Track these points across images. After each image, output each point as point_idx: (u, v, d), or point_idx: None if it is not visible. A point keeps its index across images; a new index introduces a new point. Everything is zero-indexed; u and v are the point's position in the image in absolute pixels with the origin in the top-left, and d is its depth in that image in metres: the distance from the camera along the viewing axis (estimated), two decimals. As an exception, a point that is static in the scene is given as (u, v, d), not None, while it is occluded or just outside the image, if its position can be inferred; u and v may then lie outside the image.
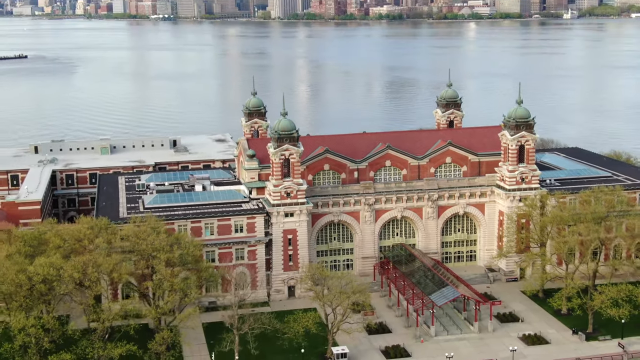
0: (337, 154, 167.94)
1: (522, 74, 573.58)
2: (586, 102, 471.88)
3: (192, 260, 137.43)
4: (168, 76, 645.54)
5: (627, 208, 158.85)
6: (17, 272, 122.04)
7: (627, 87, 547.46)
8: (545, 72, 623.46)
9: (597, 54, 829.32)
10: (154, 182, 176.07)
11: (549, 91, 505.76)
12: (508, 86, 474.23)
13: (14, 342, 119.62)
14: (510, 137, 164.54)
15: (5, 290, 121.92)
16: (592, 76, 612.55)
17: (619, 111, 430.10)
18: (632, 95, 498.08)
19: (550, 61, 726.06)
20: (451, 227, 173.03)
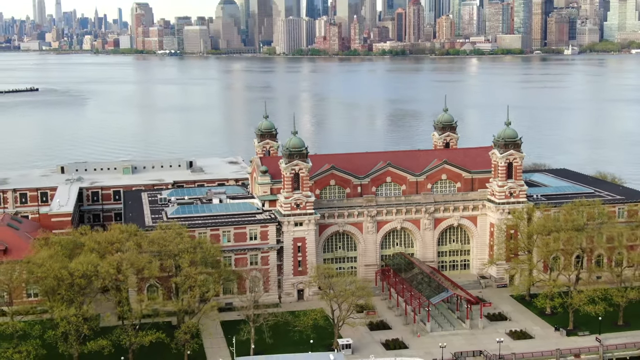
0: (342, 170, 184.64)
1: (522, 106, 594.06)
2: (584, 132, 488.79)
3: (212, 260, 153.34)
4: (176, 108, 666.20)
5: (606, 220, 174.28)
6: (59, 269, 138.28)
7: (626, 118, 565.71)
8: (546, 104, 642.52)
9: (597, 88, 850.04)
10: (175, 196, 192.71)
11: (548, 122, 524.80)
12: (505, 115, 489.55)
13: (57, 330, 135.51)
14: (500, 155, 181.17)
15: (49, 284, 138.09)
16: (591, 109, 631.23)
17: (613, 140, 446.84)
18: (629, 125, 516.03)
19: (550, 94, 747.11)
20: (446, 238, 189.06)
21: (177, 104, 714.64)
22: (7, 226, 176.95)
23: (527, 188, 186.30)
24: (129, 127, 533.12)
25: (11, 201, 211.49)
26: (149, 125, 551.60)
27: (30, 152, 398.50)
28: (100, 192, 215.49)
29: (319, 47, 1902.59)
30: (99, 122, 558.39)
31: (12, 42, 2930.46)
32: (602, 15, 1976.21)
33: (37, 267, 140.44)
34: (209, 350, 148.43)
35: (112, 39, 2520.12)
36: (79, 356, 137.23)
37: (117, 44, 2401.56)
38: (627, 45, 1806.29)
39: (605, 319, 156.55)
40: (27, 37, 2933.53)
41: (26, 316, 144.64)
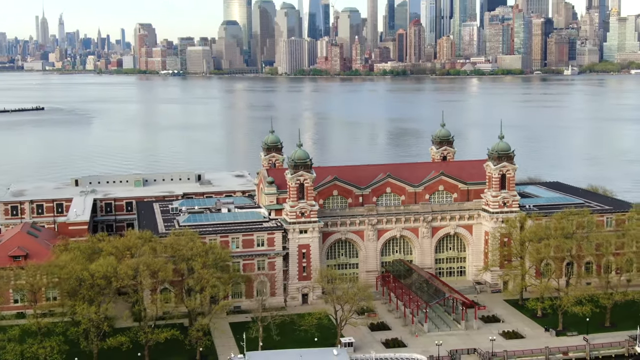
0: (344, 181, 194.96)
1: (522, 125, 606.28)
2: (581, 150, 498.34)
3: (223, 263, 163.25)
4: (180, 126, 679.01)
5: (594, 228, 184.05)
6: (81, 270, 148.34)
7: (623, 137, 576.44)
8: (545, 123, 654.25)
9: (596, 108, 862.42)
10: (185, 206, 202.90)
11: (546, 140, 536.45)
12: (506, 133, 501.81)
13: (79, 327, 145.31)
14: (494, 167, 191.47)
15: (71, 285, 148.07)
16: (590, 127, 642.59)
17: (609, 158, 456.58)
18: (626, 144, 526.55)
19: (550, 113, 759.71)
20: (443, 246, 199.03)
21: (181, 122, 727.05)
22: (27, 234, 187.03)
23: (520, 198, 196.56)
24: (135, 144, 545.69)
25: (28, 212, 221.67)
26: (155, 143, 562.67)
27: (42, 167, 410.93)
28: (113, 204, 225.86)
29: (320, 68, 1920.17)
30: (106, 140, 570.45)
31: (15, 62, 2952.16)
32: (602, 36, 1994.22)
33: (59, 269, 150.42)
34: (220, 347, 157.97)
35: (115, 59, 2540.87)
36: (99, 352, 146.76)
37: (120, 64, 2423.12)
38: (627, 66, 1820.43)
39: (594, 320, 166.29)
40: (30, 57, 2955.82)
41: (44, 318, 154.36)
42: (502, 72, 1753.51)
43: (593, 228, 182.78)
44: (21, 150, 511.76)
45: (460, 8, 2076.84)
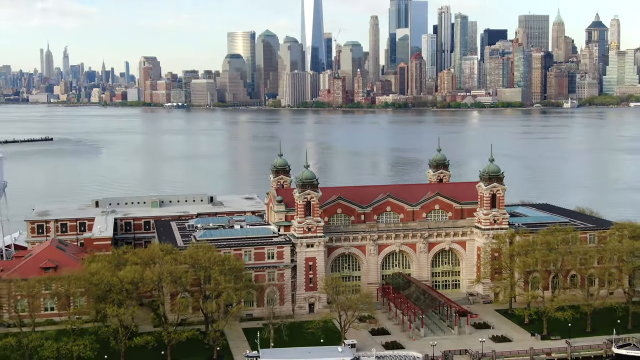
0: (347, 200, 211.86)
1: (520, 154, 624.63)
2: (577, 178, 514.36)
3: (237, 272, 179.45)
4: (187, 155, 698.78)
5: (577, 242, 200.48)
6: (111, 277, 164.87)
7: (620, 166, 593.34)
8: (543, 153, 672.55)
9: (595, 139, 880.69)
10: (201, 224, 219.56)
11: (542, 168, 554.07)
12: (503, 162, 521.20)
13: (109, 327, 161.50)
14: (485, 188, 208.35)
15: (102, 289, 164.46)
16: (588, 158, 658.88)
17: (603, 185, 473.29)
18: (622, 173, 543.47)
19: (549, 144, 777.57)
20: (439, 260, 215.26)
21: (187, 152, 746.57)
22: (56, 248, 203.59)
23: (510, 217, 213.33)
24: (144, 172, 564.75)
25: (53, 230, 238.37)
26: (163, 170, 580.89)
27: (59, 191, 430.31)
28: (132, 222, 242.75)
29: (323, 100, 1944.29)
30: (117, 168, 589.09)
31: (20, 95, 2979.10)
32: (601, 70, 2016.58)
33: (91, 276, 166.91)
34: (234, 349, 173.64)
35: (119, 92, 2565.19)
36: (126, 351, 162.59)
37: (125, 97, 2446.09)
38: (626, 99, 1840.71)
39: (576, 327, 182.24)
40: (35, 89, 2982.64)
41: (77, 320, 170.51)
42: (503, 105, 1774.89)
43: (576, 243, 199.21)
44: (36, 177, 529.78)
45: (461, 42, 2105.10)
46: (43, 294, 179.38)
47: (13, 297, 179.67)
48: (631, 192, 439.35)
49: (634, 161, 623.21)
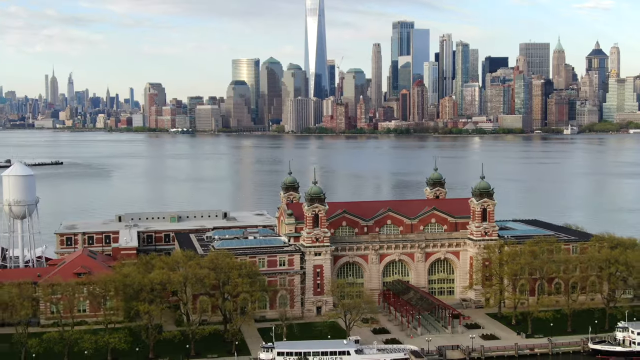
0: (352, 214, 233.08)
1: (519, 178, 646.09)
2: (574, 201, 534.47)
3: (253, 276, 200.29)
4: (193, 178, 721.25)
5: (560, 254, 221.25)
6: (142, 278, 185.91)
7: (616, 188, 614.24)
8: (542, 176, 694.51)
9: (594, 163, 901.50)
10: (218, 235, 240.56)
11: (539, 190, 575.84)
12: (504, 185, 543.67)
13: (141, 322, 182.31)
14: (476, 203, 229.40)
15: (135, 288, 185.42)
16: (586, 181, 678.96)
17: (596, 207, 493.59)
18: (617, 196, 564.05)
19: (548, 168, 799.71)
20: (435, 268, 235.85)
21: (194, 174, 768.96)
22: (87, 256, 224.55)
23: (500, 230, 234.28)
24: (154, 192, 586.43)
25: (80, 242, 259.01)
26: (172, 191, 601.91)
27: (77, 210, 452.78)
28: (154, 235, 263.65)
29: (326, 126, 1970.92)
30: (128, 189, 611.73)
31: (26, 120, 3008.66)
32: (601, 97, 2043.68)
33: (124, 278, 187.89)
34: (250, 345, 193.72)
35: (124, 118, 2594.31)
36: (155, 343, 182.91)
37: (130, 123, 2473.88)
38: (626, 125, 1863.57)
39: (558, 327, 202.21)
40: (41, 115, 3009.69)
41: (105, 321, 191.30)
42: (503, 131, 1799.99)
43: (559, 253, 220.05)
44: (54, 197, 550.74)
45: (462, 69, 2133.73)
46: (77, 297, 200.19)
47: (50, 299, 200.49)
48: (621, 213, 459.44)
49: (629, 185, 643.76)
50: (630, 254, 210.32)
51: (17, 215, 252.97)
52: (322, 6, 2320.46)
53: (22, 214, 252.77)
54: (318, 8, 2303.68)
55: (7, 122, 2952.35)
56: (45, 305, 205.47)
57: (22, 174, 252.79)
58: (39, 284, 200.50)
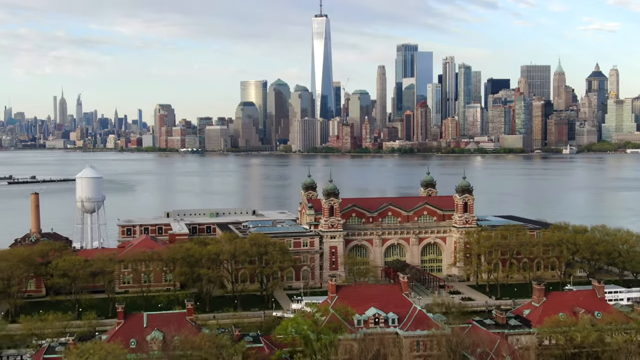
0: (360, 207, 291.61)
1: (516, 193, 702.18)
2: (567, 211, 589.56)
3: (284, 250, 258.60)
4: (205, 192, 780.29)
5: (526, 237, 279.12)
6: (201, 250, 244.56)
7: (608, 199, 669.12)
8: (539, 190, 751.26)
9: (591, 179, 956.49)
10: (252, 224, 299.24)
11: (534, 203, 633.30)
12: (497, 197, 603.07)
13: (201, 282, 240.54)
14: (459, 197, 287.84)
15: (196, 257, 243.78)
16: (583, 195, 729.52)
17: (587, 215, 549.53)
18: (609, 206, 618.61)
19: (546, 184, 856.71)
20: (427, 250, 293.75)
21: (207, 189, 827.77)
22: (150, 239, 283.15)
23: (479, 220, 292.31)
24: (176, 202, 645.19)
25: (138, 232, 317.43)
26: (192, 200, 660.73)
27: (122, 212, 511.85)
28: (197, 227, 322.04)
29: (332, 145, 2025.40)
30: (156, 200, 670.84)
31: (37, 141, 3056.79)
32: (600, 118, 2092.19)
33: (188, 250, 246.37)
34: (282, 304, 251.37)
35: (134, 138, 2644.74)
36: (211, 299, 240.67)
37: (140, 143, 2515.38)
38: (624, 145, 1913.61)
39: (522, 293, 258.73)
40: (52, 135, 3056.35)
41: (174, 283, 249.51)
42: (504, 151, 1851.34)
43: (525, 237, 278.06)
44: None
45: (465, 91, 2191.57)
46: (146, 269, 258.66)
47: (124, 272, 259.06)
48: (604, 218, 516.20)
49: (621, 196, 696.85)
50: (578, 237, 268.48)
51: (87, 210, 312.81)
52: (328, 30, 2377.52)
53: (91, 209, 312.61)
54: (324, 31, 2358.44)
55: (18, 142, 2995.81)
56: (120, 276, 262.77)
57: (92, 176, 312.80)
58: (116, 257, 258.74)
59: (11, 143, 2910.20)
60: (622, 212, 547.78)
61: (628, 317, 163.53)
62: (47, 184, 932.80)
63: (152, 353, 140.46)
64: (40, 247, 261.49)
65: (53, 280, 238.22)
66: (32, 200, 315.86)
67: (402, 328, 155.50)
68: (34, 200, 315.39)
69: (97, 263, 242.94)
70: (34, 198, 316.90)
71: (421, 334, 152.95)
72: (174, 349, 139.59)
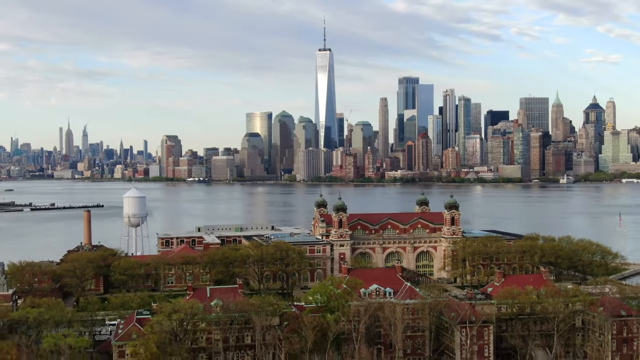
0: (364, 220, 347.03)
1: (512, 217, 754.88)
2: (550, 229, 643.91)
3: (302, 255, 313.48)
4: (212, 217, 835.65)
5: (503, 246, 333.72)
6: (234, 253, 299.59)
7: (599, 225, 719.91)
8: (538, 215, 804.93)
9: (588, 206, 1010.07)
10: (273, 236, 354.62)
11: (525, 225, 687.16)
12: (492, 220, 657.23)
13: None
14: (447, 213, 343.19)
15: (230, 259, 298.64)
16: (576, 220, 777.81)
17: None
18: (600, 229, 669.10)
19: (543, 209, 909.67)
20: (420, 257, 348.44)
21: (213, 215, 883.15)
22: (189, 247, 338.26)
23: (465, 233, 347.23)
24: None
25: (175, 243, 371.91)
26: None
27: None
28: (225, 239, 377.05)
29: (335, 175, 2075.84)
30: (178, 223, 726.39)
31: (45, 171, 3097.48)
32: (597, 148, 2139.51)
33: (222, 253, 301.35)
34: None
35: (141, 168, 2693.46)
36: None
37: (147, 173, 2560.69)
38: (620, 175, 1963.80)
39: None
40: (59, 166, 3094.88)
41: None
42: (503, 180, 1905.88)
43: (503, 246, 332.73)
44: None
45: (465, 122, 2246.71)
46: (185, 272, 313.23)
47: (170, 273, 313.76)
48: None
49: (612, 221, 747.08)
50: (545, 245, 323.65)
51: (133, 224, 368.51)
52: (331, 63, 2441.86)
53: (136, 223, 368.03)
54: (328, 65, 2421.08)
55: (26, 172, 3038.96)
56: (164, 277, 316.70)
57: (137, 195, 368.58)
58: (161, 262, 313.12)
59: (19, 173, 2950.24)
60: (608, 232, 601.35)
61: (564, 292, 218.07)
62: (67, 210, 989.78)
63: (216, 314, 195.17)
64: (100, 252, 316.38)
65: (115, 276, 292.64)
66: (85, 217, 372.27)
67: (396, 298, 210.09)
68: (87, 217, 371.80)
69: (150, 264, 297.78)
70: (86, 215, 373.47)
71: (410, 302, 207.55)
72: (232, 311, 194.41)
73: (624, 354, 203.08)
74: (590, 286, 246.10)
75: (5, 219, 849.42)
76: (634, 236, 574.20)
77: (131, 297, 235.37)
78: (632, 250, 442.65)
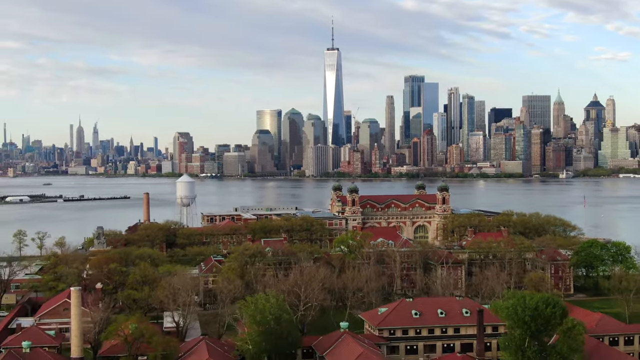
0: (372, 200, 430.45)
1: (514, 207, 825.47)
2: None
3: (323, 226, 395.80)
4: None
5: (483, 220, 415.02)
6: (268, 223, 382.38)
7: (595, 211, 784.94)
8: (535, 205, 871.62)
9: (579, 197, 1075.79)
10: (300, 213, 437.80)
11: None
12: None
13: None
14: (439, 194, 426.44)
15: (267, 229, 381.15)
16: (570, 207, 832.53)
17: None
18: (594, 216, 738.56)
19: (543, 199, 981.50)
20: (418, 230, 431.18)
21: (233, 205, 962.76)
22: (232, 221, 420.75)
23: (452, 210, 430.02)
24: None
25: (217, 220, 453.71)
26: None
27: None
28: (259, 216, 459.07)
29: (343, 170, 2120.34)
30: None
31: (59, 168, 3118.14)
32: (597, 145, 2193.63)
33: (262, 223, 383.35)
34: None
35: (154, 164, 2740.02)
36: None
37: (160, 169, 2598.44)
38: (618, 171, 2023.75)
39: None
40: (73, 162, 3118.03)
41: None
42: (505, 175, 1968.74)
43: (483, 220, 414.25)
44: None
45: (469, 119, 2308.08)
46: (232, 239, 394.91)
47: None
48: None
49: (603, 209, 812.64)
50: (516, 219, 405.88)
51: (184, 204, 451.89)
52: (339, 62, 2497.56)
53: (187, 204, 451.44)
54: (336, 64, 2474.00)
55: (41, 169, 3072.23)
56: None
57: (187, 181, 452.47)
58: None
59: (34, 169, 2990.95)
60: (578, 213, 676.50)
61: (516, 243, 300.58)
62: (96, 201, 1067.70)
63: (266, 258, 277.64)
64: (165, 224, 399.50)
65: (180, 241, 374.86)
66: (145, 198, 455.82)
67: (396, 247, 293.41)
68: (146, 198, 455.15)
69: (205, 232, 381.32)
70: (145, 197, 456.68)
71: (406, 249, 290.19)
72: (279, 255, 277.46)
73: (559, 287, 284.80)
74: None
75: (46, 207, 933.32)
76: (605, 220, 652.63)
77: (199, 252, 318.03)
78: (591, 227, 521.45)
